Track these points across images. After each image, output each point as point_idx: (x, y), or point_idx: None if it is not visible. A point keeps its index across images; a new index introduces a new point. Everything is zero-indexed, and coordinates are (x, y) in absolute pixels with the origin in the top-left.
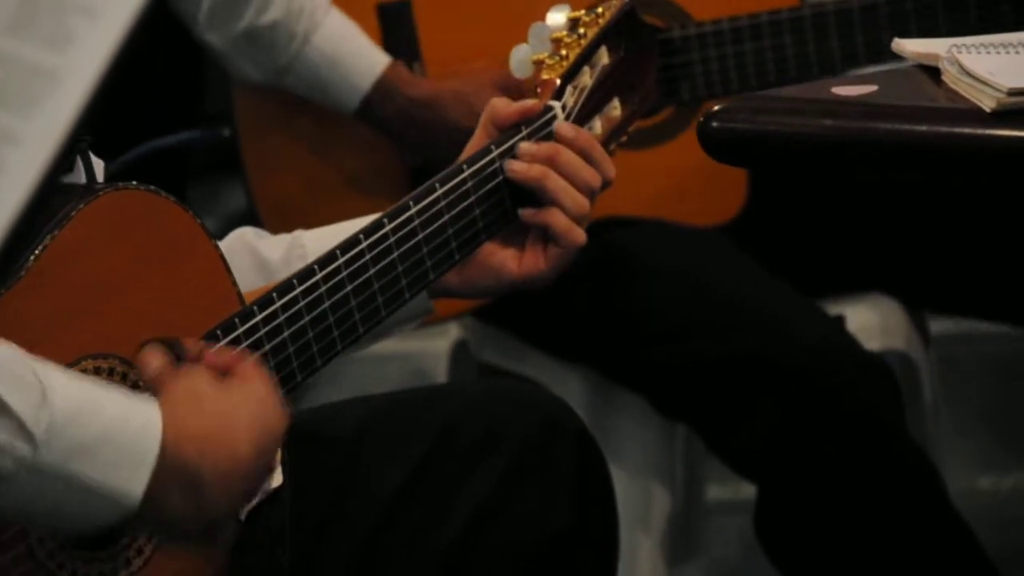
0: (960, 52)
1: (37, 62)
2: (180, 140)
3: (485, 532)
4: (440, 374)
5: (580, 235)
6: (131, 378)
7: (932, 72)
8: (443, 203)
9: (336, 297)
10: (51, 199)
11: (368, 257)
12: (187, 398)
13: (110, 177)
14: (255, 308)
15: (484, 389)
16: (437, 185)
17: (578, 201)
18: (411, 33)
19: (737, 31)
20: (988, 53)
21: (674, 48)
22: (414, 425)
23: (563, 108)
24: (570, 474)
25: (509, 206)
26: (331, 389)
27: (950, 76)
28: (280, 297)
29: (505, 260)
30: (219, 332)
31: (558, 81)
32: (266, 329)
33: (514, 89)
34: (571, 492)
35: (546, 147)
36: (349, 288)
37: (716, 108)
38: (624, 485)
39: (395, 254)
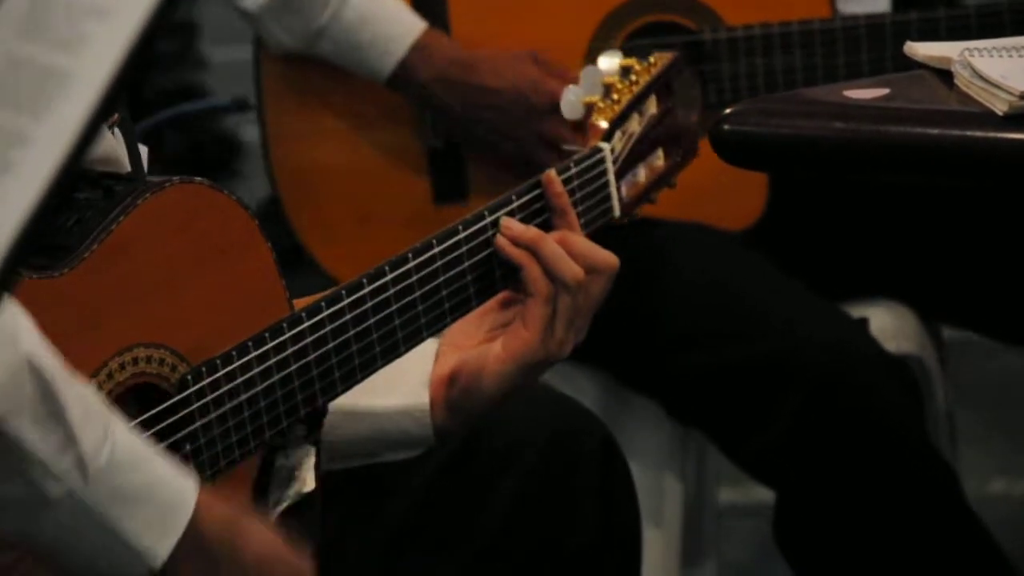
0: (973, 55)
1: (49, 64)
2: (207, 105)
3: (510, 538)
4: None
5: (546, 286)
6: (180, 371)
7: (945, 76)
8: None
9: (381, 315)
10: (114, 189)
11: (415, 279)
12: (218, 496)
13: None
14: (303, 315)
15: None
16: (434, 242)
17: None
18: (443, 17)
19: (768, 38)
20: (1001, 56)
21: (704, 53)
22: None
23: (611, 151)
24: (595, 483)
25: (498, 276)
26: None
27: (962, 79)
28: (328, 307)
29: (485, 351)
30: (267, 335)
31: (606, 125)
32: (312, 337)
33: (552, 67)
34: (596, 500)
35: (532, 232)
36: (395, 307)
37: (729, 111)
38: (637, 488)
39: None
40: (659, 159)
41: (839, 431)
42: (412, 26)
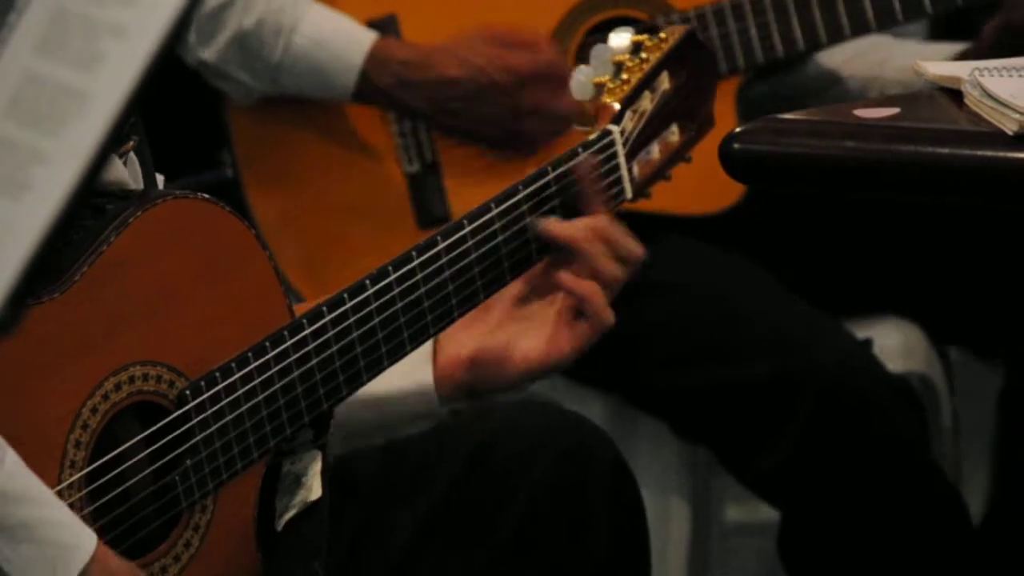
0: (982, 75)
1: (66, 82)
2: (183, 184)
3: (519, 554)
4: None
5: (611, 316)
6: (178, 386)
7: (954, 95)
8: (470, 241)
9: (386, 314)
10: (105, 207)
11: (420, 276)
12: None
13: None
14: (304, 321)
15: (519, 409)
16: (465, 222)
17: (613, 273)
18: (395, 34)
19: (720, 12)
20: (1011, 76)
21: None
22: (449, 442)
23: (621, 133)
24: (604, 500)
25: (506, 267)
26: None
27: (972, 99)
28: (330, 311)
29: (524, 347)
30: (267, 344)
31: (617, 106)
32: (315, 343)
33: (510, 40)
34: (605, 518)
35: (574, 230)
36: (400, 305)
37: (738, 130)
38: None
39: (447, 273)
40: (674, 134)
41: (844, 451)
42: (364, 38)
